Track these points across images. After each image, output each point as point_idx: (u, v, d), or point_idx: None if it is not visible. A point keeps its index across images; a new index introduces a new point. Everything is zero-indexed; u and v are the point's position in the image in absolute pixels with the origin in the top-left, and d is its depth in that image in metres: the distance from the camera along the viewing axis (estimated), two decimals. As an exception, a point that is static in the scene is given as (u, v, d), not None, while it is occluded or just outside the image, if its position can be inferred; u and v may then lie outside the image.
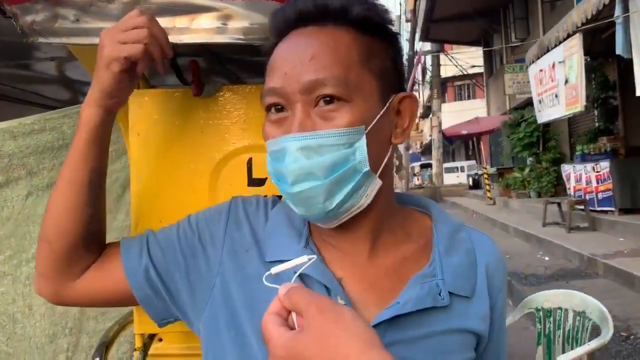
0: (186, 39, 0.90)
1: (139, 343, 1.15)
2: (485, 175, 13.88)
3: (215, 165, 1.06)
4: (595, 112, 9.63)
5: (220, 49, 1.20)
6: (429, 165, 27.00)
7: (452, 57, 19.67)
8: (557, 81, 7.46)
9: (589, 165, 7.79)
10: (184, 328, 0.80)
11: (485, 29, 16.14)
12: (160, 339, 1.14)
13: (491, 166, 16.09)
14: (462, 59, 19.43)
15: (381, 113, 0.67)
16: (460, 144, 31.16)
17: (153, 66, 0.80)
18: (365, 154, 0.65)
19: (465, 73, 20.52)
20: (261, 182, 1.05)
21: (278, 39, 0.70)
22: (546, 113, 8.27)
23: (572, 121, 10.50)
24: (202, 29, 0.90)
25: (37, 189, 1.37)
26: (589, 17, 5.99)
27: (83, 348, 1.47)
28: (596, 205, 7.53)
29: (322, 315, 0.50)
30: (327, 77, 0.63)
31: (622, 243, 6.05)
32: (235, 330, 0.70)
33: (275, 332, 0.51)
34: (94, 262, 0.79)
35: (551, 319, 2.29)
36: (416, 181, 29.40)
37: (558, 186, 10.47)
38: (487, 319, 0.73)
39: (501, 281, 0.77)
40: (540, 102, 8.44)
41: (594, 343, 1.99)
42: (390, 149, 0.71)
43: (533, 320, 2.44)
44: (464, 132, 17.17)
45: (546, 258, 6.31)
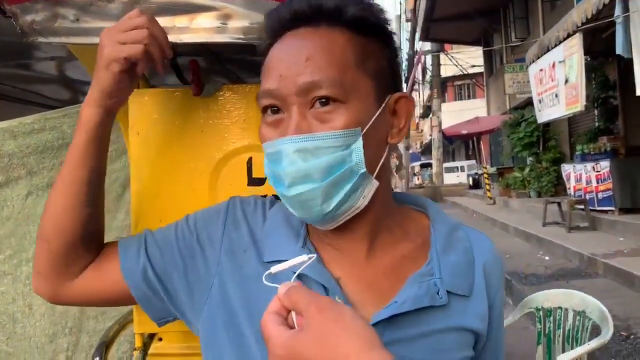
0: (186, 39, 0.90)
1: (138, 342, 1.15)
2: (485, 175, 13.88)
3: (215, 165, 1.06)
4: (596, 112, 9.63)
5: (220, 49, 1.20)
6: (429, 164, 26.98)
7: (452, 57, 19.65)
8: (557, 81, 7.45)
9: (589, 165, 7.78)
10: (183, 327, 0.80)
11: (485, 29, 16.14)
12: (160, 339, 1.14)
13: (491, 166, 16.10)
14: (462, 59, 19.43)
15: (377, 114, 0.67)
16: (460, 144, 31.16)
17: (153, 66, 0.79)
18: (362, 155, 0.65)
19: (465, 73, 20.51)
20: (261, 182, 1.05)
21: (273, 39, 0.70)
22: (546, 113, 8.26)
23: (572, 121, 10.49)
24: (202, 28, 0.90)
25: (37, 188, 1.37)
26: (589, 16, 5.99)
27: (83, 347, 1.47)
28: (596, 204, 7.53)
29: (322, 315, 0.50)
30: (323, 79, 0.63)
31: (622, 243, 6.04)
32: (234, 330, 0.70)
33: (274, 331, 0.51)
34: (92, 261, 0.79)
35: (551, 318, 2.29)
36: (416, 181, 29.37)
37: (558, 186, 10.46)
38: (485, 318, 0.73)
39: (498, 280, 0.77)
40: (540, 102, 8.44)
41: (594, 342, 1.99)
42: (387, 149, 0.71)
43: (533, 320, 2.44)
44: (464, 132, 17.17)
45: (546, 258, 6.30)
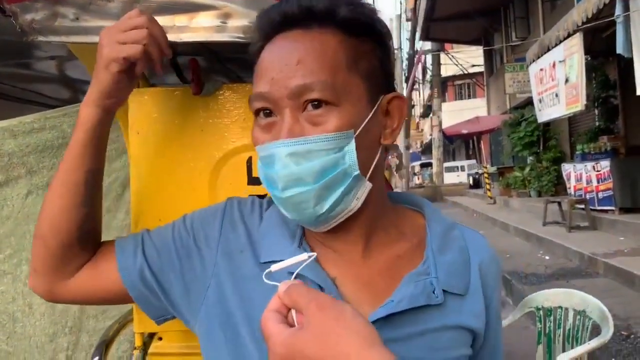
0: (186, 38, 0.90)
1: (138, 342, 1.15)
2: (485, 175, 13.87)
3: (215, 164, 1.06)
4: (596, 111, 9.62)
5: (220, 48, 1.20)
6: (429, 164, 26.97)
7: (452, 56, 19.66)
8: (557, 80, 7.45)
9: (590, 165, 7.78)
10: (183, 327, 0.80)
11: (485, 28, 16.13)
12: (160, 338, 1.14)
13: (491, 165, 16.10)
14: (463, 58, 19.41)
15: (370, 116, 0.67)
16: (460, 143, 31.13)
17: (152, 66, 0.79)
18: (355, 157, 0.65)
19: (465, 72, 20.51)
20: (260, 181, 1.05)
21: (264, 41, 0.69)
22: (546, 112, 8.26)
23: (572, 120, 10.49)
24: (201, 27, 0.90)
25: (37, 187, 1.37)
26: (589, 16, 5.99)
27: (83, 347, 1.47)
28: (596, 204, 7.53)
29: (323, 313, 0.50)
30: (315, 82, 0.63)
31: (623, 242, 6.04)
32: (231, 330, 0.70)
33: (275, 330, 0.51)
34: (89, 260, 0.79)
35: (551, 318, 2.29)
36: (416, 180, 29.37)
37: (558, 185, 10.46)
38: (482, 317, 0.73)
39: (495, 279, 0.77)
40: (540, 101, 8.44)
41: (594, 342, 1.99)
42: (380, 151, 0.70)
43: (533, 320, 2.44)
44: (464, 131, 17.16)
45: (546, 257, 6.30)
